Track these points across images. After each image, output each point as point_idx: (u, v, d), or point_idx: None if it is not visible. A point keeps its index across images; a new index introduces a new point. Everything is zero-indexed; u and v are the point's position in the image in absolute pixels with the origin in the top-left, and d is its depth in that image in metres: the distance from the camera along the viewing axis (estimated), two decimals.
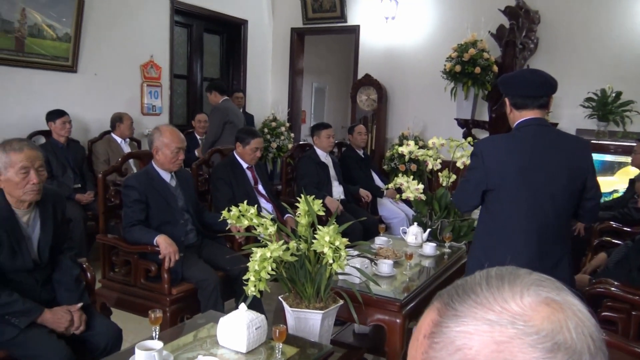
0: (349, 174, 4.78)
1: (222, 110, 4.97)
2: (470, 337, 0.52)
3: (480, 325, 0.52)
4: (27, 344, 1.98)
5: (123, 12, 5.13)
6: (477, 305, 0.54)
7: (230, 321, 1.79)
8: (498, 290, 0.55)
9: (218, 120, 4.91)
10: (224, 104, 5.04)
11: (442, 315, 0.55)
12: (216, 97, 5.05)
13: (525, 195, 2.10)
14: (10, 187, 2.03)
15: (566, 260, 2.15)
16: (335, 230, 2.01)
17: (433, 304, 0.59)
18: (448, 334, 0.54)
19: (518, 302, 0.53)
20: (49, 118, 4.24)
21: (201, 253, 3.03)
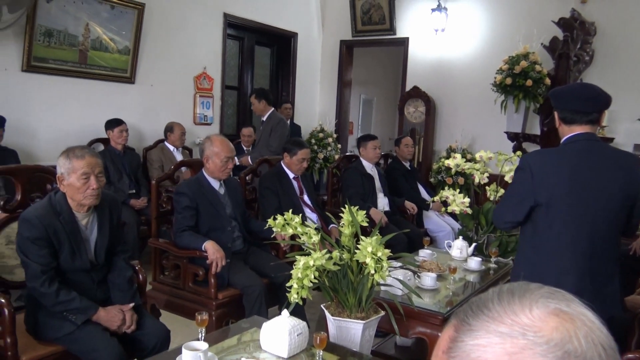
0: (395, 186, 4.77)
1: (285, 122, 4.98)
2: (484, 349, 0.55)
3: (492, 337, 0.55)
4: (83, 340, 2.09)
5: (179, 26, 5.35)
6: (489, 319, 0.57)
7: (273, 326, 1.84)
8: (509, 304, 0.57)
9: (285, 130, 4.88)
10: (278, 115, 5.04)
11: (458, 331, 0.59)
12: (265, 107, 4.97)
13: (575, 211, 2.04)
14: (72, 191, 2.16)
15: (617, 279, 2.08)
16: (378, 241, 2.03)
17: (451, 322, 0.62)
18: (463, 347, 0.57)
19: (527, 314, 0.56)
20: (108, 127, 4.46)
21: (247, 260, 3.10)
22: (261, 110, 4.97)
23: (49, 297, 2.09)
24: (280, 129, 4.87)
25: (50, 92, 4.38)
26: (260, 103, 4.95)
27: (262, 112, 4.97)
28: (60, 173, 2.16)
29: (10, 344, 1.97)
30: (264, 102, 4.95)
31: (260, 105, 4.97)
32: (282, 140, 4.77)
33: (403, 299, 2.37)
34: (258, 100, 4.96)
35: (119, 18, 4.77)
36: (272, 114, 4.94)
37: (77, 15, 4.45)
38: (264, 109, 4.96)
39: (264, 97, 4.99)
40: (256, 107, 5.02)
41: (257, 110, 5.04)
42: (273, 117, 4.93)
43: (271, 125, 4.88)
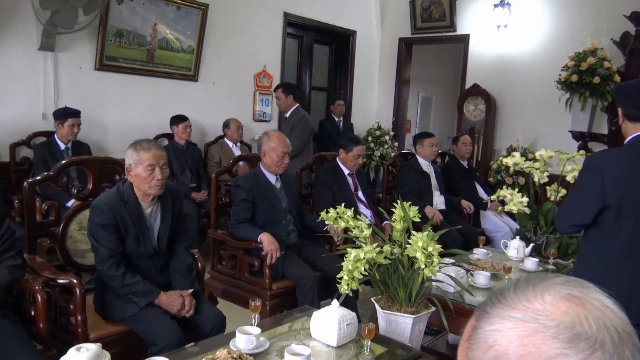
0: (452, 184, 4.71)
1: (309, 119, 4.70)
2: (499, 334, 0.58)
3: (506, 322, 0.58)
4: (145, 321, 2.22)
5: (240, 25, 5.51)
6: (504, 306, 0.60)
7: (323, 316, 1.89)
8: (523, 292, 0.60)
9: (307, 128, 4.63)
10: (303, 112, 4.77)
11: (478, 320, 0.62)
12: (291, 103, 4.67)
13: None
14: (139, 181, 2.30)
15: None
16: (429, 236, 2.03)
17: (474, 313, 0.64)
18: (481, 334, 0.60)
19: (540, 300, 0.58)
20: (173, 122, 4.67)
21: (301, 253, 3.17)
22: (287, 105, 4.68)
23: (115, 279, 2.23)
24: (302, 127, 4.55)
25: (120, 89, 4.63)
26: (287, 98, 4.67)
27: (288, 107, 4.68)
28: (128, 164, 2.31)
29: (80, 321, 2.12)
30: (291, 97, 4.66)
31: (287, 100, 4.67)
32: (303, 140, 4.52)
33: (455, 297, 2.36)
34: (285, 95, 4.66)
35: (185, 18, 4.97)
36: (296, 110, 4.66)
37: (145, 16, 4.68)
38: (290, 105, 4.67)
39: (291, 91, 4.69)
40: (282, 102, 4.73)
41: (283, 106, 4.74)
42: (296, 113, 4.65)
43: (293, 123, 4.59)
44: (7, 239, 2.09)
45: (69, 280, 2.15)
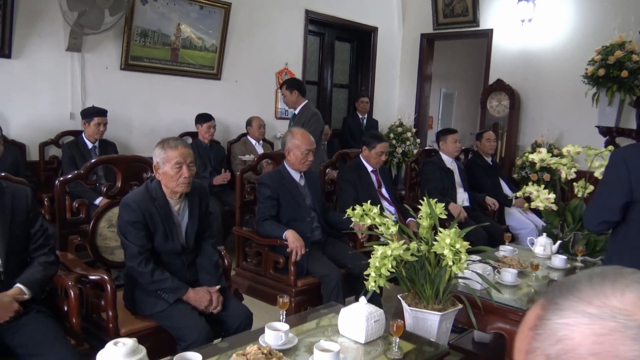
0: (476, 181, 4.67)
1: (320, 115, 4.51)
2: (571, 328, 0.56)
3: (580, 318, 0.56)
4: (174, 317, 2.25)
5: (262, 23, 5.53)
6: (578, 299, 0.57)
7: (351, 312, 1.89)
8: (599, 286, 0.57)
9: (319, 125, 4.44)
10: (313, 108, 4.57)
11: (545, 310, 0.60)
12: (298, 99, 4.48)
13: None
14: (166, 179, 2.33)
15: None
16: (456, 233, 2.03)
17: (538, 301, 0.63)
18: (550, 325, 0.58)
19: (619, 298, 0.55)
20: (198, 120, 4.71)
21: (325, 250, 3.18)
22: (293, 102, 4.51)
23: (145, 276, 2.27)
24: (314, 124, 4.35)
25: (145, 88, 4.70)
26: (292, 94, 4.47)
27: (295, 104, 4.50)
28: (156, 162, 2.34)
29: (112, 317, 2.17)
30: (297, 92, 4.46)
31: (292, 96, 4.48)
32: (315, 136, 4.25)
33: (482, 294, 2.35)
34: (290, 92, 4.48)
35: (207, 18, 5.01)
36: (306, 107, 4.48)
37: (169, 16, 4.73)
38: (296, 101, 4.49)
39: (296, 87, 4.49)
40: (288, 99, 4.54)
41: (290, 103, 4.57)
42: (306, 110, 4.47)
43: (303, 120, 4.39)
44: (41, 236, 2.14)
45: (100, 276, 2.20)
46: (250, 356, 1.57)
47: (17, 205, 2.08)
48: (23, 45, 3.95)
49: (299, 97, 4.47)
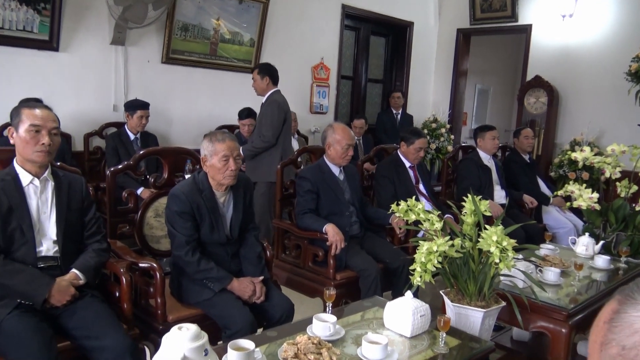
0: (513, 178, 4.62)
1: (282, 104, 4.15)
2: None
3: None
4: (219, 306, 2.31)
5: (299, 18, 5.56)
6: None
7: (397, 306, 1.91)
8: None
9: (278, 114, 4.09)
10: (280, 97, 4.19)
11: (622, 304, 0.62)
12: (267, 86, 4.16)
13: None
14: (213, 171, 2.39)
15: None
16: (502, 231, 2.02)
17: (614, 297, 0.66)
18: (626, 318, 0.61)
19: None
20: (241, 116, 4.78)
21: (363, 244, 3.20)
22: (262, 89, 4.17)
23: (191, 265, 2.33)
24: (271, 115, 4.04)
25: (185, 82, 4.78)
26: (262, 80, 4.15)
27: (264, 91, 4.18)
28: (203, 155, 2.40)
29: (160, 303, 2.24)
30: (267, 79, 4.15)
31: (262, 83, 4.15)
32: (274, 127, 4.03)
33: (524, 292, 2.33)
34: (261, 77, 4.15)
35: (246, 12, 5.06)
36: (271, 96, 4.15)
37: (209, 10, 4.80)
38: (265, 88, 4.16)
39: (268, 73, 4.15)
40: (257, 85, 4.19)
41: (258, 89, 4.21)
42: (270, 98, 4.15)
43: (263, 110, 4.14)
44: (94, 224, 2.22)
45: (150, 264, 2.27)
46: (300, 345, 1.61)
47: (72, 194, 2.16)
48: (70, 38, 4.07)
49: (270, 84, 4.16)
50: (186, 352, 1.23)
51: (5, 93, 3.72)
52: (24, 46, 3.83)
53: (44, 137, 2.00)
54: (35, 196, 2.05)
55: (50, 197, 2.09)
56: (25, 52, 3.86)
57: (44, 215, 2.07)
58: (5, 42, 3.73)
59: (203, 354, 1.26)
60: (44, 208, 2.07)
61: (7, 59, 3.79)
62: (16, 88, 3.76)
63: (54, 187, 2.10)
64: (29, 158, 2.02)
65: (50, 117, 2.05)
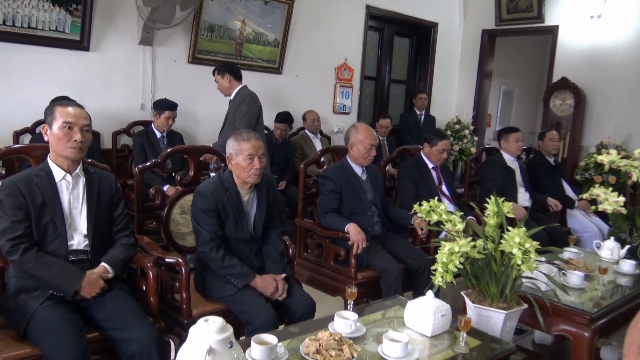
0: (537, 181, 4.57)
1: (254, 98, 4.02)
2: None
3: None
4: (242, 302, 2.35)
5: (324, 19, 5.59)
6: None
7: (418, 306, 1.93)
8: None
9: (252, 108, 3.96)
10: (250, 91, 4.06)
11: None
12: (231, 83, 4.04)
13: None
14: (238, 170, 2.43)
15: None
16: (525, 233, 2.02)
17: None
18: None
19: None
20: (277, 119, 4.89)
21: (385, 244, 3.21)
22: (227, 87, 4.07)
23: (216, 261, 2.38)
24: (247, 106, 3.92)
25: (210, 81, 4.78)
26: (224, 79, 4.05)
27: (229, 89, 4.07)
28: (229, 153, 2.44)
29: (185, 298, 2.29)
30: (229, 76, 4.04)
31: (224, 81, 4.05)
32: (249, 119, 3.90)
33: (547, 295, 2.32)
34: (221, 76, 4.05)
35: (271, 13, 5.12)
36: (240, 90, 4.05)
37: (235, 11, 4.87)
38: (230, 86, 4.06)
39: (227, 71, 4.04)
40: (221, 85, 4.09)
41: (223, 89, 4.11)
42: (240, 93, 4.03)
43: (236, 103, 3.99)
44: (123, 219, 2.28)
45: (175, 259, 2.32)
46: (322, 342, 1.64)
47: (102, 190, 2.23)
48: (100, 38, 4.17)
49: (233, 81, 4.04)
50: (212, 343, 1.27)
51: (38, 91, 3.82)
52: (56, 46, 3.94)
53: (76, 133, 2.07)
54: (68, 191, 2.12)
55: (81, 193, 2.16)
56: (57, 52, 3.97)
57: (75, 210, 2.14)
58: (38, 42, 3.84)
59: (228, 346, 1.30)
60: (76, 203, 2.14)
61: (40, 58, 3.90)
62: (48, 86, 3.87)
63: (85, 183, 2.17)
64: (62, 154, 2.09)
65: (83, 115, 2.12)
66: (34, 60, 3.88)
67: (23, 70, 3.84)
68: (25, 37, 3.77)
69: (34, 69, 3.89)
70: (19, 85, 3.84)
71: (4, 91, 3.78)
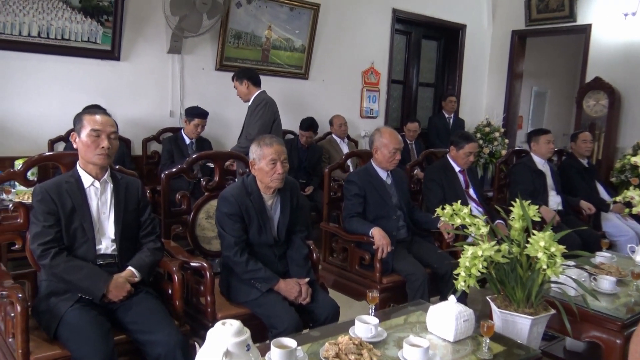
0: (570, 184, 4.46)
1: (270, 103, 4.09)
2: None
3: None
4: (266, 306, 2.37)
5: (350, 23, 5.60)
6: None
7: (440, 311, 1.91)
8: None
9: (266, 113, 4.02)
10: (267, 96, 4.13)
11: None
12: (249, 89, 4.11)
13: None
14: (261, 174, 2.46)
15: None
16: (550, 237, 1.98)
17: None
18: None
19: None
20: (302, 126, 4.92)
21: (411, 249, 3.19)
22: (245, 93, 4.14)
23: (240, 265, 2.41)
24: (261, 111, 3.97)
25: None
26: (242, 85, 4.11)
27: (247, 95, 4.14)
28: (252, 158, 2.47)
29: (210, 302, 2.32)
30: (247, 82, 4.10)
31: (243, 87, 4.12)
32: (263, 126, 3.94)
33: (577, 300, 2.26)
34: (240, 82, 4.13)
35: (297, 19, 5.16)
36: (257, 96, 4.09)
37: (261, 18, 4.93)
38: (248, 92, 4.12)
39: (246, 77, 4.11)
40: (240, 91, 4.17)
41: (242, 95, 4.18)
42: (256, 99, 4.08)
43: (251, 109, 4.05)
44: (149, 224, 2.33)
45: (200, 263, 2.36)
46: (342, 346, 1.64)
47: (129, 195, 2.28)
48: (130, 48, 4.28)
49: (251, 87, 4.11)
50: (229, 346, 1.29)
51: (71, 100, 3.95)
52: (88, 56, 4.07)
53: (103, 140, 2.12)
54: (96, 197, 2.18)
55: (109, 199, 2.21)
56: (90, 62, 4.09)
57: (104, 215, 2.19)
58: (71, 52, 3.97)
59: (245, 349, 1.31)
60: (104, 208, 2.20)
61: (74, 68, 4.03)
62: (81, 96, 4.00)
63: (113, 189, 2.23)
64: (91, 161, 2.15)
65: (109, 122, 2.17)
66: (68, 70, 4.01)
67: (57, 80, 3.98)
68: (59, 48, 3.91)
69: (68, 78, 4.02)
70: (54, 94, 3.98)
71: (39, 100, 3.92)
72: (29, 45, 3.79)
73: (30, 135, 3.89)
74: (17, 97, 3.85)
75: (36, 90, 3.91)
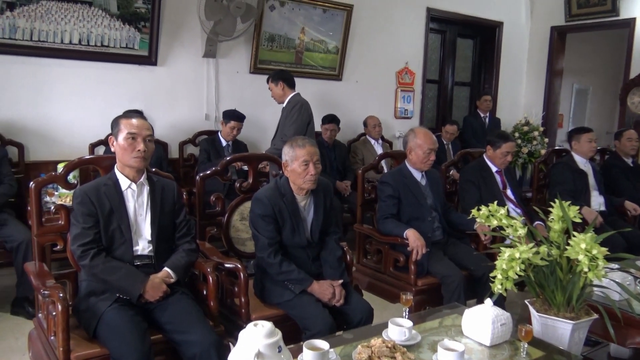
0: (613, 184, 4.30)
1: (305, 105, 4.10)
2: None
3: None
4: (300, 307, 2.37)
5: (383, 23, 5.57)
6: None
7: (476, 314, 1.86)
8: None
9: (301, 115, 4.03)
10: (302, 99, 4.14)
11: None
12: (285, 91, 4.13)
13: None
14: (294, 176, 2.46)
15: None
16: (592, 238, 1.91)
17: None
18: None
19: None
20: (324, 121, 4.90)
21: (446, 250, 3.13)
22: (280, 95, 4.16)
23: (274, 266, 2.41)
24: (296, 113, 4.00)
25: None
26: (277, 87, 4.14)
27: (282, 97, 4.16)
28: (285, 160, 2.48)
29: (244, 302, 2.34)
30: (282, 84, 4.11)
31: (278, 89, 4.14)
32: (298, 128, 3.97)
33: (621, 305, 2.18)
34: (275, 84, 4.15)
35: (330, 20, 5.16)
36: (292, 98, 4.12)
37: (294, 20, 4.95)
38: (283, 94, 4.14)
39: (281, 78, 4.13)
40: (274, 93, 4.20)
41: (277, 97, 4.21)
42: (292, 100, 4.10)
43: (286, 111, 4.07)
44: (185, 226, 2.36)
45: (234, 265, 2.38)
46: (375, 349, 1.62)
47: (165, 197, 2.32)
48: (167, 53, 4.37)
49: (286, 88, 4.13)
50: (261, 347, 1.29)
51: (111, 105, 4.05)
52: (126, 62, 4.17)
53: (139, 144, 2.17)
54: (133, 199, 2.23)
55: (145, 201, 2.26)
56: (128, 67, 4.20)
57: (140, 217, 2.24)
58: (110, 58, 4.08)
59: (277, 350, 1.31)
60: (140, 210, 2.24)
61: (113, 74, 4.14)
62: (120, 100, 4.11)
63: (149, 191, 2.27)
64: (128, 163, 2.20)
65: (145, 126, 2.22)
66: (107, 76, 4.13)
67: (97, 86, 4.10)
68: (98, 54, 4.03)
69: (107, 84, 4.14)
70: (94, 99, 4.10)
71: (80, 105, 4.05)
72: (70, 53, 3.91)
73: (73, 140, 4.02)
74: (60, 102, 3.98)
75: (77, 95, 4.03)
